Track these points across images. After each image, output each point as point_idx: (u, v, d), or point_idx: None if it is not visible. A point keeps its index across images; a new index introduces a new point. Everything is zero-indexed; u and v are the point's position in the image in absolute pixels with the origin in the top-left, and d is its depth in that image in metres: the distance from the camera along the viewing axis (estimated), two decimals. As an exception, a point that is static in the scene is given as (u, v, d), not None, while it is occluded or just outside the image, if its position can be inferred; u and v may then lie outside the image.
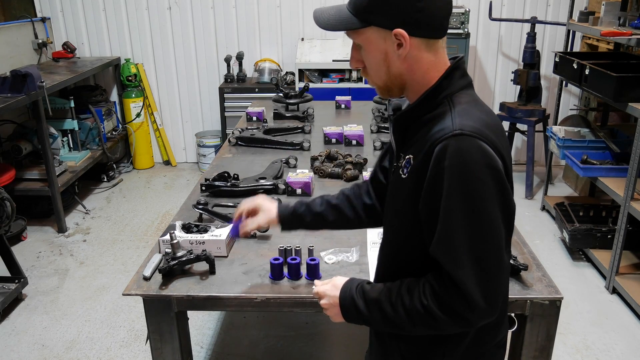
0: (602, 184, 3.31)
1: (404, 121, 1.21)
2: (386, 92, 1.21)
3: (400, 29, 1.09)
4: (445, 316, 1.08)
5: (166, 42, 5.12)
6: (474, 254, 1.05)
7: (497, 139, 1.09)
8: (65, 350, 2.80)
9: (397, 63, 1.14)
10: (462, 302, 1.05)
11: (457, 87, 1.15)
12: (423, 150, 1.11)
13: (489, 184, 1.05)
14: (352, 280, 1.26)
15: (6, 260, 3.18)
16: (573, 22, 4.02)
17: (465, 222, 1.05)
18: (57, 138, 4.29)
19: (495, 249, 1.07)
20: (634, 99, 3.00)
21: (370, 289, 1.20)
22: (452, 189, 1.05)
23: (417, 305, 1.10)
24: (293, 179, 2.22)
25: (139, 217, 4.31)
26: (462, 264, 1.05)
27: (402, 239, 1.23)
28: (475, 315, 1.07)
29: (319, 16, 1.19)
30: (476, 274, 1.05)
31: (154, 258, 1.70)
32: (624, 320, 3.00)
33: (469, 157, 1.04)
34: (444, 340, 1.22)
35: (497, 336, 1.28)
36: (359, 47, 1.18)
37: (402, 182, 1.18)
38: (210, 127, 5.35)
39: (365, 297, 1.19)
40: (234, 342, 2.86)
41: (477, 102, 1.16)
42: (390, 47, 1.13)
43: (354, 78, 4.68)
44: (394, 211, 1.25)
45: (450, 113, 1.10)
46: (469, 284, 1.04)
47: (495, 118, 1.16)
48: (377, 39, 1.13)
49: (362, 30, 1.14)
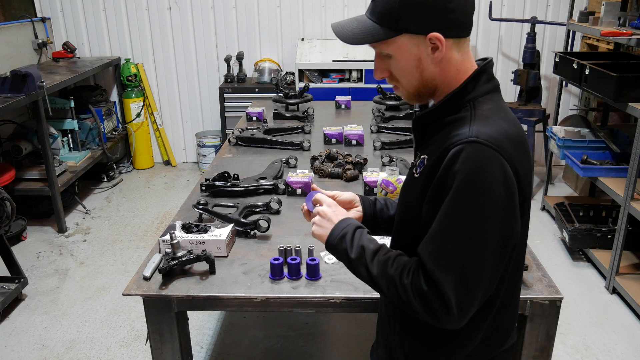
0: (602, 184, 3.31)
1: (425, 120, 1.20)
2: (416, 98, 1.18)
3: (435, 32, 1.07)
4: (418, 305, 1.07)
5: (166, 42, 5.12)
6: (459, 262, 1.04)
7: (513, 151, 1.06)
8: (65, 350, 2.80)
9: (430, 67, 1.12)
10: (439, 302, 1.05)
11: (482, 92, 1.13)
12: (437, 152, 1.10)
13: (495, 198, 1.03)
14: (352, 220, 1.25)
15: (6, 260, 3.18)
16: (573, 22, 4.02)
17: (459, 228, 1.04)
18: (57, 138, 4.29)
19: (481, 264, 1.05)
20: (634, 99, 3.00)
21: (365, 237, 1.20)
22: (457, 193, 1.04)
23: (396, 278, 1.10)
24: (293, 179, 2.22)
25: (139, 217, 4.31)
26: (446, 268, 1.04)
27: (410, 239, 1.21)
28: (445, 319, 1.06)
29: (340, 31, 1.14)
30: (456, 283, 1.03)
31: (154, 258, 1.70)
32: (624, 320, 3.00)
33: (479, 166, 1.03)
34: (450, 342, 1.22)
35: (504, 344, 1.28)
36: (386, 57, 1.14)
37: (414, 181, 1.18)
38: (210, 127, 5.35)
39: (355, 239, 1.19)
40: (234, 342, 2.86)
41: (500, 109, 1.13)
42: (424, 52, 1.10)
43: (354, 78, 4.68)
44: (405, 211, 1.24)
45: (470, 118, 1.09)
46: (448, 289, 1.03)
47: (518, 127, 1.13)
48: (410, 46, 1.10)
49: (392, 40, 1.10)
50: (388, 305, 1.33)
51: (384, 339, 1.37)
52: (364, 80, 4.62)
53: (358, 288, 1.57)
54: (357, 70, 4.63)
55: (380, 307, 1.41)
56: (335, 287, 1.58)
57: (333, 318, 3.04)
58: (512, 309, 1.27)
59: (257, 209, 2.04)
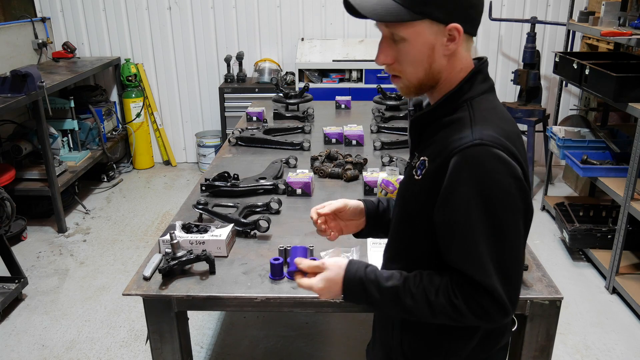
0: (602, 184, 3.31)
1: (423, 121, 1.20)
2: (415, 92, 1.17)
3: (455, 23, 1.07)
4: (474, 316, 1.09)
5: (166, 42, 5.12)
6: (499, 262, 1.06)
7: (515, 149, 1.08)
8: (65, 350, 2.80)
9: (441, 59, 1.11)
10: (495, 306, 1.07)
11: (478, 92, 1.14)
12: (440, 156, 1.10)
13: (511, 193, 1.05)
14: (356, 262, 1.20)
15: (6, 260, 3.18)
16: (573, 22, 4.02)
17: (489, 232, 1.05)
18: (57, 138, 4.29)
19: (517, 255, 1.09)
20: (634, 99, 3.00)
21: (382, 275, 1.17)
22: (474, 200, 1.04)
23: (444, 301, 1.09)
24: (293, 179, 2.22)
25: (139, 217, 4.31)
26: (490, 273, 1.05)
27: (410, 241, 1.22)
28: (503, 318, 1.09)
29: (360, 3, 1.08)
30: (503, 281, 1.06)
31: (154, 258, 1.70)
32: (624, 320, 3.00)
33: (490, 167, 1.04)
34: (448, 341, 1.22)
35: (501, 341, 1.29)
36: (399, 41, 1.10)
37: (415, 183, 1.17)
38: (210, 127, 5.35)
39: (379, 283, 1.15)
40: (234, 342, 2.86)
41: (496, 108, 1.15)
42: (439, 41, 1.09)
43: (354, 78, 4.68)
44: (403, 212, 1.24)
45: (470, 120, 1.10)
46: (500, 291, 1.06)
47: (514, 126, 1.15)
48: (429, 33, 1.08)
49: (411, 23, 1.07)
50: None
51: (381, 337, 1.36)
52: (364, 80, 4.62)
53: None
54: (357, 70, 4.63)
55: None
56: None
57: (333, 318, 3.04)
58: None
59: (257, 209, 2.04)
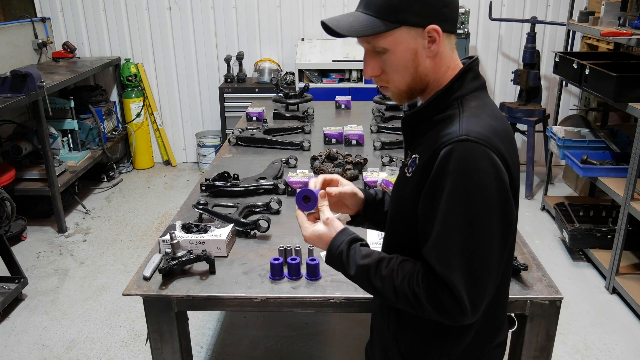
0: (602, 184, 3.31)
1: (414, 120, 1.21)
2: (407, 97, 1.19)
3: (433, 24, 1.09)
4: (432, 308, 1.09)
5: (166, 42, 5.12)
6: (467, 259, 1.05)
7: (503, 146, 1.08)
8: (65, 350, 2.80)
9: (425, 61, 1.13)
10: (452, 303, 1.06)
11: (468, 90, 1.15)
12: (429, 151, 1.11)
13: (491, 192, 1.05)
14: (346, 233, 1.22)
15: (6, 260, 3.18)
16: (573, 22, 4.02)
17: (462, 227, 1.05)
18: (57, 138, 4.29)
19: (488, 256, 1.07)
20: (634, 99, 3.00)
21: (361, 252, 1.19)
22: (453, 193, 1.05)
23: (406, 288, 1.11)
24: (293, 179, 2.22)
25: (139, 217, 4.31)
26: (454, 268, 1.05)
27: (404, 239, 1.22)
28: (460, 317, 1.08)
29: (337, 24, 1.11)
30: (466, 280, 1.05)
31: (154, 258, 1.70)
32: (624, 320, 3.00)
33: (473, 164, 1.04)
34: (444, 339, 1.23)
35: (497, 338, 1.30)
36: (380, 52, 1.13)
37: (406, 180, 1.19)
38: (210, 127, 5.35)
39: (355, 259, 1.18)
40: (234, 342, 2.86)
41: (487, 106, 1.15)
42: (420, 45, 1.11)
43: (354, 78, 4.68)
44: (397, 210, 1.25)
45: (459, 116, 1.10)
46: (460, 288, 1.05)
47: (505, 124, 1.15)
48: (408, 38, 1.10)
49: (389, 33, 1.10)
50: (382, 303, 1.33)
51: (378, 336, 1.37)
52: (364, 80, 4.61)
53: (358, 288, 1.55)
54: (357, 70, 4.63)
55: (374, 305, 1.42)
56: (335, 287, 1.58)
57: (333, 318, 3.04)
58: (503, 304, 1.29)
59: (257, 209, 2.04)
